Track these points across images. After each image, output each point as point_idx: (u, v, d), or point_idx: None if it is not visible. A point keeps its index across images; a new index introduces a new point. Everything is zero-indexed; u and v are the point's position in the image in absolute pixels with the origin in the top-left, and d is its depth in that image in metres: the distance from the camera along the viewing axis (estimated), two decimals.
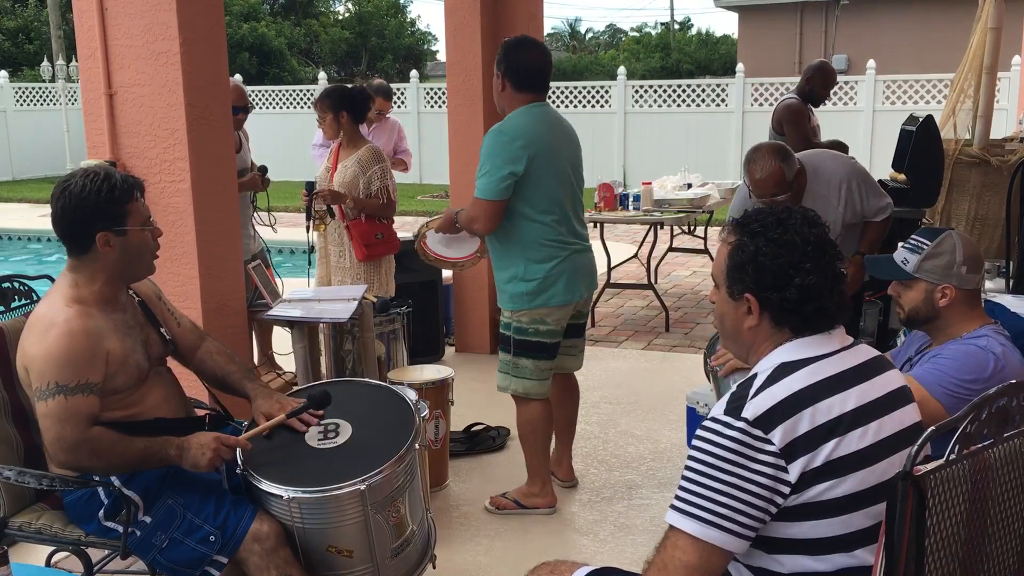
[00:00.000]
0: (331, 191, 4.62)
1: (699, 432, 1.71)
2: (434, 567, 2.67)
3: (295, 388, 2.85)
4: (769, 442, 1.65)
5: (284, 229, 5.54)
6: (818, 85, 5.82)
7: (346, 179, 4.66)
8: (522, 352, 3.62)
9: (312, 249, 4.96)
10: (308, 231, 4.82)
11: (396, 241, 4.89)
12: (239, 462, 2.41)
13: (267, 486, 2.34)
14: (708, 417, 1.73)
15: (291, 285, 4.70)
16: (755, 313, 1.83)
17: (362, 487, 2.31)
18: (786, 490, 1.66)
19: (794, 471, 1.65)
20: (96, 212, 2.38)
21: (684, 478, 1.70)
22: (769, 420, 1.66)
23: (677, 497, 1.69)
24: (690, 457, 1.70)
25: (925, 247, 2.59)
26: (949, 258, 2.54)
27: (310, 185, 4.72)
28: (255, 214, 5.13)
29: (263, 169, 5.19)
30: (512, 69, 3.52)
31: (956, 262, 2.53)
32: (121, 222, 2.41)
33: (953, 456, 1.64)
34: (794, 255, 1.77)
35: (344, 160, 4.74)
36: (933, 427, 1.62)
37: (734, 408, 1.69)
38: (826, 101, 6.08)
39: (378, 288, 4.74)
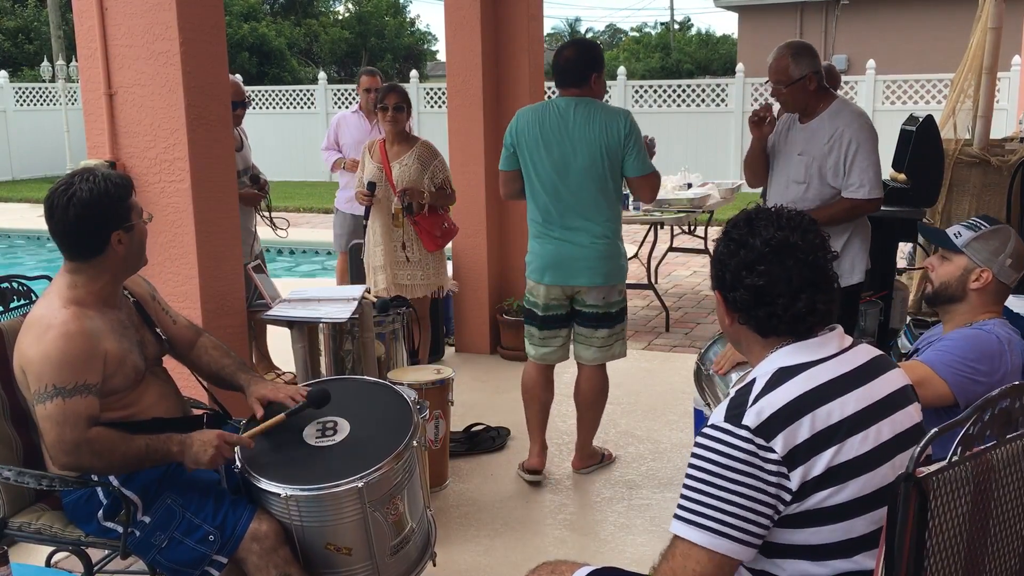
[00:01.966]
0: (415, 190, 4.69)
1: (700, 440, 1.70)
2: (434, 564, 2.67)
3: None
4: (771, 450, 1.64)
5: (291, 230, 5.52)
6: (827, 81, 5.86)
7: (412, 175, 4.73)
8: (524, 315, 4.12)
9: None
10: (365, 230, 4.89)
11: (455, 227, 5.05)
12: (238, 460, 2.41)
13: (265, 484, 2.34)
14: (708, 424, 1.71)
15: (301, 286, 4.73)
16: (725, 311, 1.85)
17: (360, 484, 2.31)
18: (787, 497, 1.65)
19: (795, 478, 1.64)
20: (109, 213, 2.40)
21: (688, 487, 1.68)
22: (770, 428, 1.64)
23: (682, 507, 1.67)
24: (692, 465, 1.68)
25: (982, 227, 2.63)
26: (999, 245, 2.58)
27: (371, 186, 4.75)
28: (259, 216, 5.11)
29: (254, 179, 5.09)
30: (552, 70, 3.92)
31: (1004, 252, 2.58)
32: (128, 218, 2.44)
33: (956, 458, 1.63)
34: (749, 256, 1.76)
35: (400, 158, 4.76)
36: (936, 429, 1.62)
37: (734, 415, 1.67)
38: None
39: (445, 276, 5.00)
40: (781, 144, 3.93)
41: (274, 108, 18.02)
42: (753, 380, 1.74)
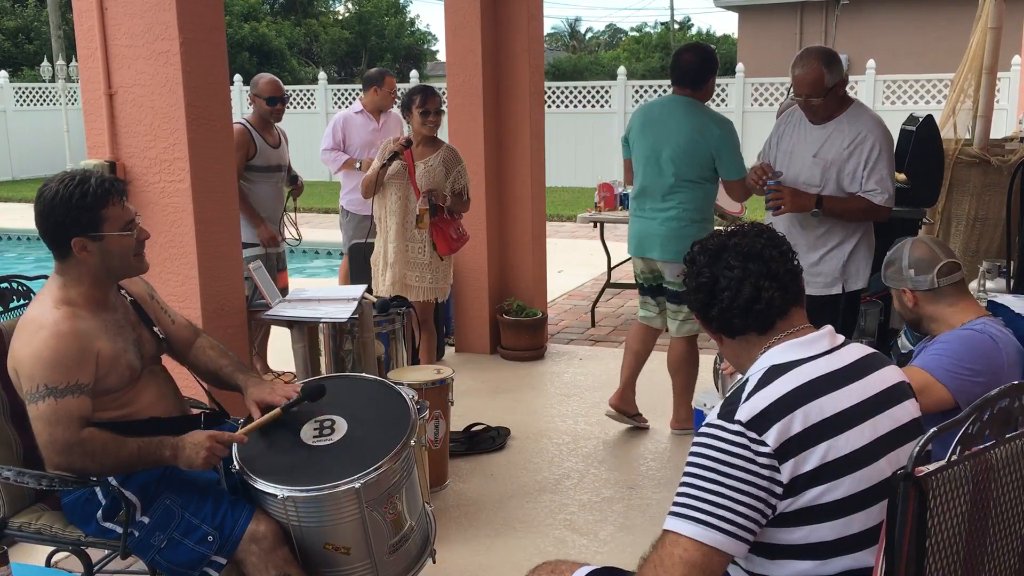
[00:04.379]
0: (439, 192, 4.78)
1: (695, 439, 1.72)
2: (434, 561, 2.66)
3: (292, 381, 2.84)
4: (763, 443, 1.65)
5: (302, 230, 5.51)
6: None
7: (437, 178, 4.78)
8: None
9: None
10: (372, 226, 5.02)
11: (467, 234, 5.08)
12: (235, 461, 2.40)
13: (262, 485, 2.33)
14: (704, 423, 1.73)
15: (301, 285, 4.76)
16: (702, 326, 1.96)
17: (357, 486, 2.30)
18: (779, 490, 1.66)
19: (785, 471, 1.65)
20: (69, 218, 2.36)
21: (682, 483, 1.70)
22: (763, 421, 1.66)
23: (675, 503, 1.69)
24: (687, 463, 1.71)
25: (887, 257, 2.80)
26: (897, 265, 2.73)
27: (409, 141, 4.77)
28: (285, 216, 5.25)
29: (293, 179, 5.30)
30: (671, 69, 4.39)
31: (903, 267, 2.71)
32: (96, 227, 2.38)
33: (955, 457, 1.64)
34: (695, 268, 1.90)
35: (425, 158, 4.80)
36: (935, 428, 1.62)
37: (727, 412, 1.70)
38: None
39: (449, 283, 5.04)
40: (789, 143, 3.84)
41: None
42: (747, 379, 1.77)
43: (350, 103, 17.50)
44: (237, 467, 2.39)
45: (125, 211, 2.44)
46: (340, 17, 33.91)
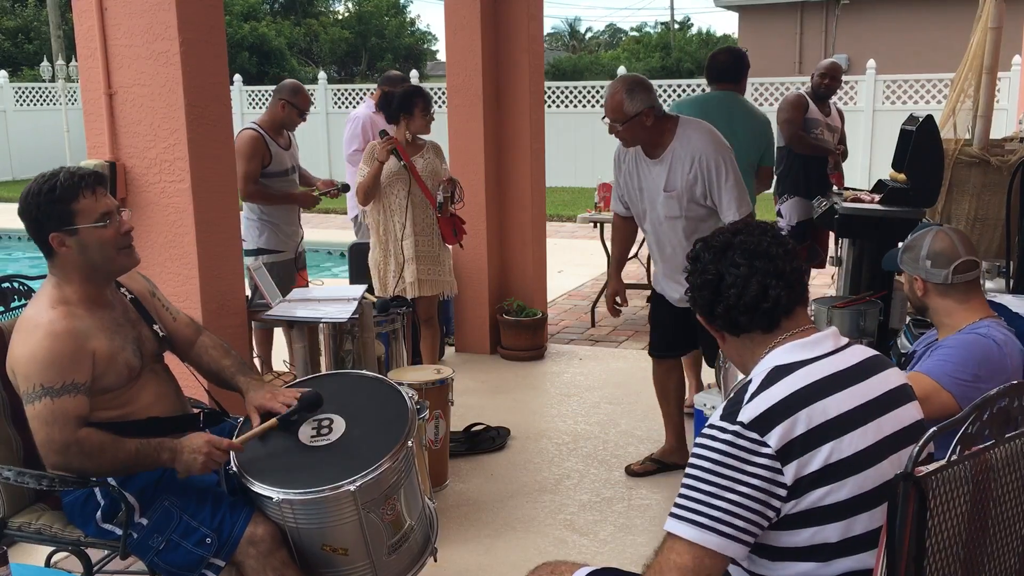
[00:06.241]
0: (453, 180, 4.95)
1: (697, 439, 1.72)
2: (435, 560, 2.65)
3: (295, 380, 2.83)
4: (765, 444, 1.64)
5: (310, 230, 5.52)
6: (817, 75, 6.19)
7: (436, 169, 4.93)
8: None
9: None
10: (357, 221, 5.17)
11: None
12: (232, 464, 2.40)
13: (258, 488, 2.33)
14: (707, 424, 1.73)
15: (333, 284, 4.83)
16: (706, 325, 1.94)
17: (352, 488, 2.29)
18: (782, 492, 1.65)
19: (789, 473, 1.65)
20: (42, 214, 2.37)
21: (682, 485, 1.70)
22: (766, 422, 1.66)
23: (675, 504, 1.69)
24: (689, 464, 1.71)
25: (908, 239, 2.76)
26: (916, 252, 2.69)
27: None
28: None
29: (345, 187, 5.42)
30: (709, 67, 4.79)
31: (921, 256, 2.67)
32: (69, 221, 2.37)
33: (955, 457, 1.63)
34: (699, 265, 1.89)
35: (420, 153, 4.91)
36: (935, 428, 1.62)
37: (730, 413, 1.69)
38: (833, 96, 6.38)
39: (453, 276, 5.17)
40: (637, 183, 3.88)
41: None
42: (750, 380, 1.77)
43: (349, 103, 17.52)
44: (234, 470, 2.39)
45: (100, 203, 2.40)
46: (340, 17, 33.93)
